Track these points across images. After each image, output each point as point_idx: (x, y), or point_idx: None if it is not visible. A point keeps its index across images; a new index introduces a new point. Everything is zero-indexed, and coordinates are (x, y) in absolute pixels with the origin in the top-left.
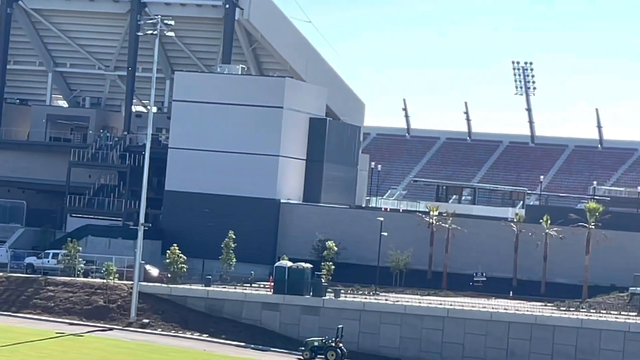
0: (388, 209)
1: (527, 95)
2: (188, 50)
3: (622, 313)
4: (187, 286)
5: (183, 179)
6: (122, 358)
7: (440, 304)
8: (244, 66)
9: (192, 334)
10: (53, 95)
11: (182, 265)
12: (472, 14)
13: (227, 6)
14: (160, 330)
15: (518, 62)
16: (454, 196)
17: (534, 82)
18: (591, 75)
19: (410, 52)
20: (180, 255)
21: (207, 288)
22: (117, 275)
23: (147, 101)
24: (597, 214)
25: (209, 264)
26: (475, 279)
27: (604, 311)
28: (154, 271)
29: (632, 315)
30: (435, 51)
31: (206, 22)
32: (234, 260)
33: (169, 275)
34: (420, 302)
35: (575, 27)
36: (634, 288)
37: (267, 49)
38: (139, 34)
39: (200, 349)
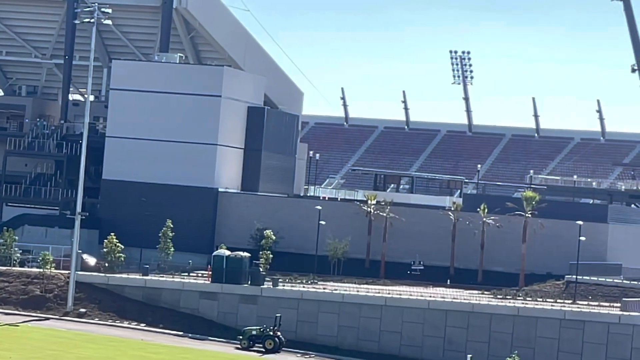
0: (326, 198)
1: (465, 85)
2: (125, 39)
3: (558, 301)
4: (124, 275)
5: (120, 167)
6: (59, 348)
7: (378, 293)
8: (182, 55)
9: (129, 324)
10: None
11: (120, 254)
12: (410, 3)
13: None
14: (97, 319)
15: (456, 52)
16: (392, 185)
17: (471, 72)
18: (528, 65)
19: (348, 42)
20: (118, 244)
21: (145, 277)
22: (53, 265)
23: (85, 90)
24: (533, 202)
25: (146, 253)
26: (412, 267)
27: (540, 299)
28: (91, 260)
29: (568, 303)
30: (373, 40)
31: (144, 11)
32: (172, 249)
33: (106, 264)
34: (358, 291)
35: (512, 16)
36: (570, 276)
37: (205, 37)
38: (76, 22)
39: (138, 338)
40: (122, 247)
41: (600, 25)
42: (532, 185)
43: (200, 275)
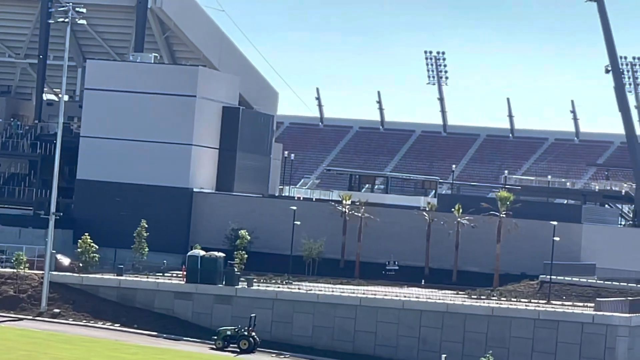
0: (301, 198)
1: (440, 85)
2: (100, 39)
3: (532, 301)
4: (98, 275)
5: (95, 167)
6: (33, 348)
7: (353, 293)
8: (156, 55)
9: (103, 324)
10: None
11: (94, 254)
12: (385, 4)
13: None
14: (71, 320)
15: (430, 52)
16: (367, 185)
17: (446, 72)
18: (503, 65)
19: (324, 42)
20: (92, 244)
21: (119, 277)
22: (27, 265)
23: (59, 89)
24: (508, 202)
25: (121, 253)
26: (387, 267)
27: (515, 299)
28: (65, 260)
29: (542, 303)
30: (348, 40)
31: (118, 10)
32: (147, 249)
33: (81, 264)
34: (332, 291)
35: (487, 17)
36: (544, 276)
37: (180, 37)
38: (50, 21)
39: (112, 338)
40: (97, 247)
41: (575, 26)
42: (506, 186)
43: (174, 275)
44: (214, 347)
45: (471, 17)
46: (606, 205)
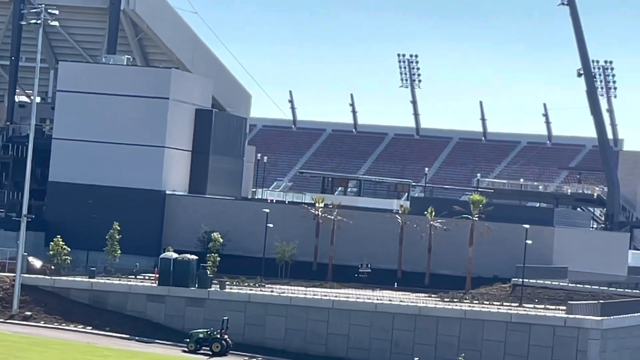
0: (274, 201)
1: (413, 88)
2: (72, 40)
3: (505, 304)
4: (70, 278)
5: (67, 170)
6: (4, 351)
7: (326, 296)
8: (129, 57)
9: (75, 326)
10: None
11: (66, 257)
12: (359, 7)
13: None
14: (43, 322)
15: (404, 55)
16: (340, 188)
17: (419, 75)
18: (476, 69)
19: (297, 45)
20: (64, 246)
21: (91, 280)
22: None
23: (31, 91)
24: (480, 205)
25: (93, 255)
26: (360, 270)
27: (487, 302)
28: (37, 263)
29: (514, 306)
30: (321, 43)
31: (91, 12)
32: (119, 251)
33: (53, 267)
34: (305, 294)
35: (460, 20)
36: (516, 279)
37: (153, 39)
38: (22, 22)
39: (84, 341)
40: (69, 249)
41: (547, 29)
42: (479, 189)
43: (147, 277)
44: (186, 349)
45: (444, 21)
46: (578, 209)
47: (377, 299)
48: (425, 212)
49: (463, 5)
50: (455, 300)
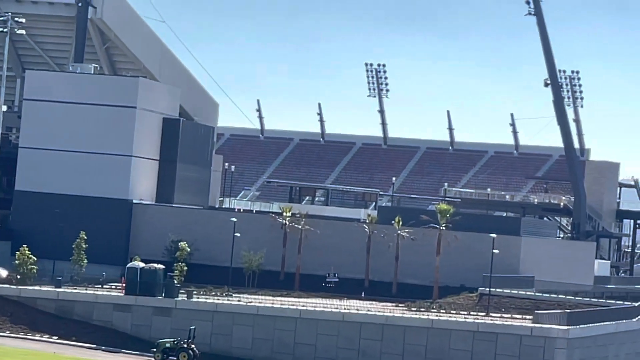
0: (241, 210)
1: (380, 97)
2: (40, 49)
3: (472, 313)
4: (36, 287)
5: (34, 178)
6: None
7: (293, 305)
8: (97, 65)
9: (41, 336)
10: None
11: (32, 266)
12: (327, 16)
13: (80, 4)
14: (8, 332)
15: (371, 64)
16: (307, 197)
17: (387, 85)
18: (443, 78)
19: (264, 54)
20: (30, 256)
21: (58, 289)
22: None
23: None
24: (447, 215)
25: (59, 265)
26: (327, 279)
27: (454, 311)
28: (3, 272)
29: (481, 315)
30: (289, 52)
31: (58, 21)
32: (86, 261)
33: (18, 276)
34: (272, 303)
35: (428, 30)
36: (483, 288)
37: (120, 48)
38: None
39: (50, 351)
40: (35, 259)
41: (515, 39)
42: (446, 198)
43: (114, 287)
44: (153, 359)
45: (412, 30)
46: (545, 218)
47: (345, 309)
48: (393, 222)
49: (431, 16)
50: (422, 309)
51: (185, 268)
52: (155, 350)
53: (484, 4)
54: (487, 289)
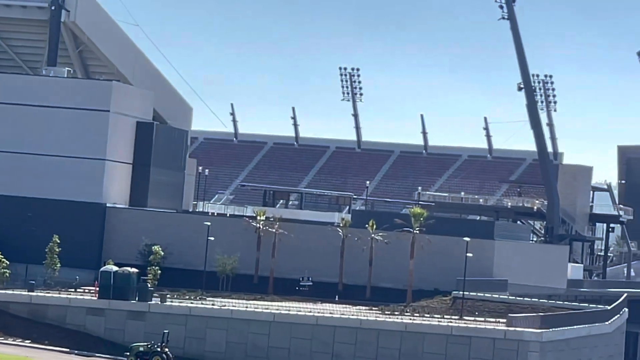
0: (215, 214)
1: (354, 101)
2: (12, 52)
3: (445, 317)
4: (9, 291)
5: (6, 182)
6: None
7: (267, 309)
8: (70, 69)
9: (14, 340)
10: None
11: (5, 270)
12: (301, 20)
13: (53, 8)
14: None
15: (345, 68)
16: (281, 201)
17: (360, 89)
18: (417, 82)
19: (238, 58)
20: (3, 259)
21: (30, 293)
22: None
23: None
24: (421, 219)
25: (32, 268)
26: (301, 283)
27: (428, 315)
28: None
29: (455, 319)
30: (263, 57)
31: (31, 24)
32: (59, 265)
33: None
34: (246, 307)
35: (402, 35)
36: (457, 292)
37: (94, 51)
38: None
39: (23, 355)
40: (7, 262)
41: (488, 44)
42: (420, 202)
43: (87, 291)
44: None
45: (386, 35)
46: (518, 222)
47: (318, 312)
48: (367, 225)
49: (404, 20)
50: (396, 313)
51: (159, 272)
52: (128, 354)
53: (457, 9)
54: (461, 293)
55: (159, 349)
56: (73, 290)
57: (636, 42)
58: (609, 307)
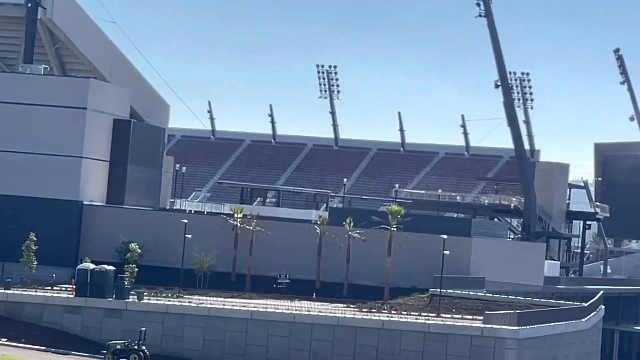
0: (192, 211)
1: (332, 99)
2: None
3: (422, 314)
4: None
5: None
6: None
7: (244, 307)
8: (46, 66)
9: None
10: None
11: None
12: (278, 17)
13: (30, 5)
14: None
15: (322, 66)
16: (259, 198)
17: (338, 86)
18: (394, 80)
19: (216, 55)
20: None
21: (7, 291)
22: None
23: None
24: (398, 216)
25: (9, 266)
26: (279, 281)
27: (405, 312)
28: None
29: (432, 316)
30: (240, 54)
31: (7, 21)
32: (35, 262)
33: None
34: (224, 305)
35: (379, 32)
36: (434, 289)
37: (70, 49)
38: None
39: None
40: None
41: (465, 41)
42: (397, 199)
43: (64, 289)
44: None
45: (363, 33)
46: (495, 219)
47: (296, 310)
48: (344, 223)
49: (381, 17)
50: (373, 310)
51: (136, 269)
52: (105, 352)
53: (434, 6)
54: (438, 290)
55: (136, 347)
56: (50, 288)
57: (613, 40)
58: (585, 305)
